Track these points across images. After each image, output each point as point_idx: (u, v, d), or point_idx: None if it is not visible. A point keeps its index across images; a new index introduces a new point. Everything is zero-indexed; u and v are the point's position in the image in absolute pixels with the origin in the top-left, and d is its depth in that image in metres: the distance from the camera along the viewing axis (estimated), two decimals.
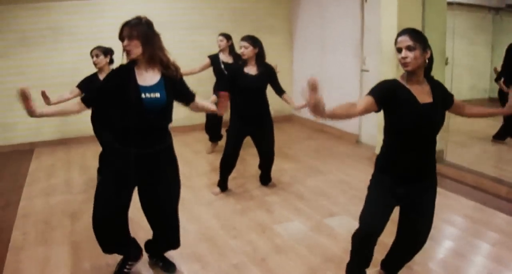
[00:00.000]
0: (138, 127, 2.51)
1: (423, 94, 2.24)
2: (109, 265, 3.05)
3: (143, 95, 2.46)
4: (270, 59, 4.30)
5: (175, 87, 2.61)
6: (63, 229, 3.73)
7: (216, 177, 4.54)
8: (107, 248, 2.75)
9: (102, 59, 4.39)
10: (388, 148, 2.37)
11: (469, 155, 5.32)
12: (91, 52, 4.44)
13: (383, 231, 2.40)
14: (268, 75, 4.20)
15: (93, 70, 4.53)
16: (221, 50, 5.51)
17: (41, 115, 2.44)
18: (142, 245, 3.01)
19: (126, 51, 2.47)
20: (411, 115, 2.20)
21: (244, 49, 4.06)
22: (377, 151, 5.06)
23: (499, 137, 5.65)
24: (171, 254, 3.10)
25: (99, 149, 4.66)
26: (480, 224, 3.59)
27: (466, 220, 3.70)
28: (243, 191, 4.50)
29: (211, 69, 5.56)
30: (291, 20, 7.71)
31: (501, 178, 4.40)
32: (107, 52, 4.43)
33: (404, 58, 2.16)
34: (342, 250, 3.18)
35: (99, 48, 4.43)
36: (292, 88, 7.38)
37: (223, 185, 4.47)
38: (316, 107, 1.93)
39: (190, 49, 6.66)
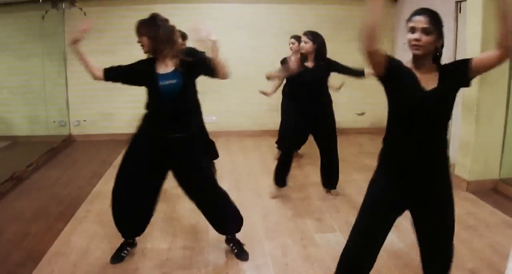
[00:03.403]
0: (160, 112, 2.78)
1: (428, 80, 2.00)
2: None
3: (160, 83, 2.72)
4: None
5: (194, 70, 2.84)
6: None
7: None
8: (120, 227, 3.07)
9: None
10: (390, 139, 2.14)
11: None
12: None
13: (379, 248, 2.24)
14: (327, 68, 4.12)
15: None
16: (293, 53, 5.46)
17: (77, 51, 2.78)
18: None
19: (141, 45, 2.81)
20: (410, 99, 1.99)
21: (304, 44, 4.06)
22: (457, 171, 4.77)
23: None
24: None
25: None
26: None
27: None
28: (303, 197, 4.40)
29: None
30: (393, 31, 7.41)
31: None
32: (184, 37, 4.74)
33: (417, 40, 1.95)
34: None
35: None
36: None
37: (280, 181, 4.38)
38: None
39: (284, 55, 6.72)
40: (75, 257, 3.15)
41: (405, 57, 2.08)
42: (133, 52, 6.71)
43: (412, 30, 1.99)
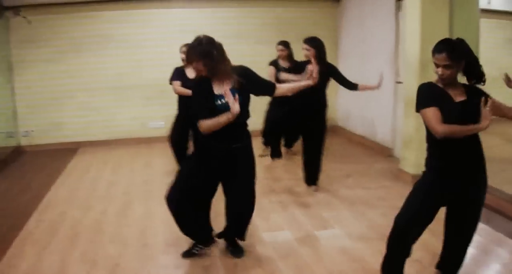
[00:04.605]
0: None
1: (457, 93, 2.39)
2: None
3: (218, 102, 2.87)
4: None
5: (247, 88, 2.96)
6: (74, 220, 4.04)
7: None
8: (183, 229, 3.19)
9: None
10: (433, 148, 2.49)
11: None
12: (180, 48, 4.92)
13: (421, 233, 2.50)
14: (328, 73, 4.38)
15: (139, 76, 5.01)
16: (280, 58, 5.65)
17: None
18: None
19: (195, 71, 2.96)
20: (448, 112, 2.32)
21: (306, 51, 4.33)
22: (401, 166, 5.04)
23: None
24: None
25: (137, 151, 4.97)
26: None
27: None
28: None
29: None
30: (336, 30, 7.68)
31: None
32: None
33: (441, 75, 2.35)
34: (313, 260, 3.19)
35: (187, 45, 4.86)
36: (336, 97, 7.42)
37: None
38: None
39: (231, 58, 6.83)
40: (27, 268, 3.17)
41: (348, 58, 2.30)
42: (80, 60, 6.81)
43: (436, 65, 2.37)
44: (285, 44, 5.68)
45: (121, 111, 7.13)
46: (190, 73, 4.80)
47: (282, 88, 3.17)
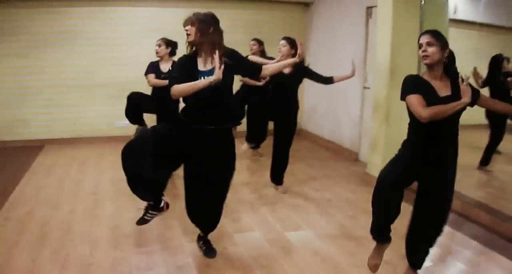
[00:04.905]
0: (198, 105, 2.92)
1: (442, 88, 2.56)
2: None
3: (200, 78, 2.84)
4: None
5: (233, 69, 2.97)
6: (42, 219, 3.97)
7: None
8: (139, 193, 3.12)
9: (163, 49, 4.92)
10: (413, 135, 2.69)
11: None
12: (156, 41, 4.97)
13: (403, 188, 2.66)
14: (302, 74, 4.50)
15: (106, 74, 4.93)
16: (252, 54, 5.74)
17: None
18: None
19: (187, 35, 2.91)
20: (430, 105, 2.45)
21: (282, 47, 4.38)
22: (368, 170, 5.17)
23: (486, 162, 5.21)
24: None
25: (102, 150, 4.90)
26: None
27: None
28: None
29: None
30: (304, 35, 7.79)
31: None
32: (169, 44, 4.93)
33: (423, 51, 2.53)
34: (285, 260, 3.26)
35: (163, 39, 4.96)
36: (303, 103, 7.50)
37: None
38: None
39: None
40: None
41: (316, 63, 2.40)
42: (48, 56, 6.68)
43: (420, 46, 2.56)
44: (258, 40, 5.88)
45: (87, 109, 7.04)
46: (164, 67, 4.94)
47: (269, 68, 3.21)
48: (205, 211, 3.20)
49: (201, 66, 2.92)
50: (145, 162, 2.91)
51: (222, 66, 2.75)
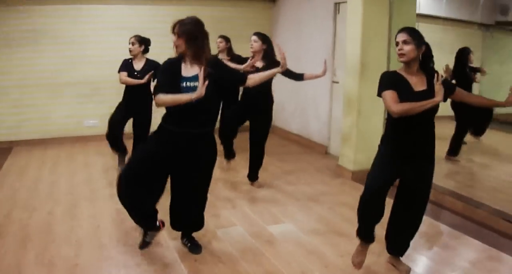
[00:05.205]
0: (180, 110, 2.90)
1: (418, 83, 2.67)
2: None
3: (183, 84, 2.91)
4: None
5: (218, 77, 2.97)
6: (21, 222, 3.92)
7: None
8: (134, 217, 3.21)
9: (137, 48, 4.89)
10: (390, 130, 2.82)
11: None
12: (129, 39, 4.91)
13: (387, 192, 2.78)
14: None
15: (74, 72, 4.94)
16: (220, 51, 5.78)
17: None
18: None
19: (175, 46, 2.97)
20: (406, 100, 2.57)
21: (254, 43, 4.46)
22: (340, 162, 5.32)
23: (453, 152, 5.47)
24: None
25: (73, 150, 4.86)
26: None
27: None
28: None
29: None
30: (271, 31, 7.84)
31: None
32: (142, 42, 4.89)
33: (400, 49, 2.63)
34: (271, 253, 3.36)
35: (135, 37, 4.91)
36: None
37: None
38: None
39: (166, 56, 6.83)
40: None
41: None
42: (13, 55, 6.53)
43: (397, 44, 2.66)
44: (224, 37, 5.88)
45: (55, 109, 6.91)
46: (138, 65, 4.96)
47: (253, 78, 3.22)
48: (189, 211, 3.27)
49: (184, 72, 2.96)
50: (140, 190, 3.02)
51: (206, 83, 2.77)
